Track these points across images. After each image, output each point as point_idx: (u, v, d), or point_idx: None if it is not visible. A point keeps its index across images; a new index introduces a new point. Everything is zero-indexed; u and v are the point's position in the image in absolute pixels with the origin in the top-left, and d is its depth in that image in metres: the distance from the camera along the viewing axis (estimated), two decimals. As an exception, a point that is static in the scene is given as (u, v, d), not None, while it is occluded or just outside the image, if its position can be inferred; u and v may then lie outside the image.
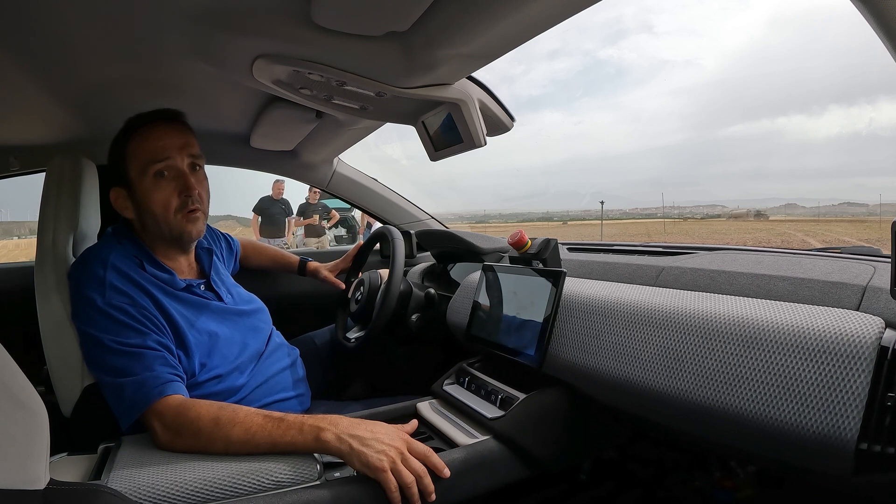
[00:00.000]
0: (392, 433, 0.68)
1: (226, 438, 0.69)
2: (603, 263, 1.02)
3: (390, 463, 0.64)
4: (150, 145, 0.84)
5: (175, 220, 0.86)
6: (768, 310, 0.64)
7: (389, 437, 0.67)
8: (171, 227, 0.86)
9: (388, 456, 0.64)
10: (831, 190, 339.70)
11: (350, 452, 0.66)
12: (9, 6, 0.63)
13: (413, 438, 0.70)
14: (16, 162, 1.29)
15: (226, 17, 0.68)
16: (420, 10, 0.60)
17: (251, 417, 0.70)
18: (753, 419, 0.59)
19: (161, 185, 0.84)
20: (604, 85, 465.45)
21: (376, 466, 0.63)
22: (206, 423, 0.70)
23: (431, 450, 0.69)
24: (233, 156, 1.45)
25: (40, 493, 0.41)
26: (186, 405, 0.72)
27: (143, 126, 0.86)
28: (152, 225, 0.87)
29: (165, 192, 0.84)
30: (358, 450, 0.65)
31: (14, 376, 0.42)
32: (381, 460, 0.64)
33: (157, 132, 0.85)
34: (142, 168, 0.84)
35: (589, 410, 0.86)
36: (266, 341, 0.97)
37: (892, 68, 0.45)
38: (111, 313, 0.77)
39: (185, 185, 0.85)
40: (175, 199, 0.85)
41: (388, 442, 0.66)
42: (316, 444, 0.67)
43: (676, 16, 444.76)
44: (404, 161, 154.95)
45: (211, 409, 0.71)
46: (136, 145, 0.85)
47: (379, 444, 0.66)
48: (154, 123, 0.86)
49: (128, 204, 0.87)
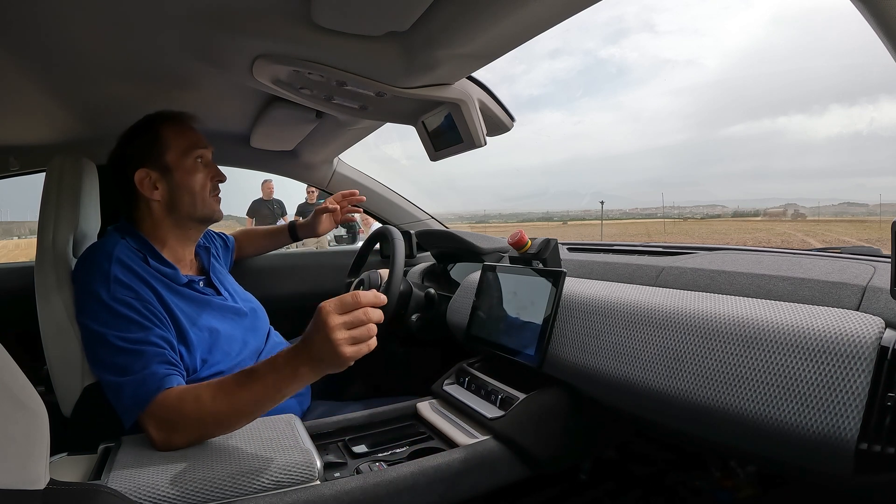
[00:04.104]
0: (318, 324, 0.64)
1: (213, 411, 0.68)
2: (603, 263, 1.02)
3: (345, 345, 0.62)
4: (190, 135, 0.94)
5: (210, 200, 0.95)
6: (768, 310, 0.64)
7: (321, 331, 0.63)
8: (206, 204, 0.94)
9: (337, 343, 0.62)
10: (832, 190, 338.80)
11: (322, 373, 0.65)
12: (9, 6, 0.63)
13: (331, 302, 0.64)
14: (16, 162, 1.29)
15: (226, 17, 0.68)
16: (420, 10, 0.60)
17: (225, 381, 0.69)
18: (753, 419, 0.59)
19: (200, 168, 0.94)
20: (605, 84, 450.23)
21: (344, 359, 0.62)
22: (189, 404, 0.70)
23: (353, 294, 0.65)
24: (233, 156, 1.45)
25: (40, 493, 0.41)
26: (170, 395, 0.71)
27: (174, 119, 0.94)
28: (186, 203, 0.92)
29: (203, 175, 0.94)
30: (327, 368, 0.64)
31: (14, 376, 0.42)
32: (340, 355, 0.62)
33: (190, 128, 0.95)
34: (183, 151, 0.92)
35: (589, 410, 0.86)
36: (265, 339, 0.97)
37: (893, 68, 0.45)
38: (115, 307, 0.77)
39: (216, 173, 0.97)
40: (209, 183, 0.95)
41: (324, 335, 0.63)
42: (294, 376, 0.66)
43: (678, 15, 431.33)
44: (404, 161, 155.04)
45: (190, 391, 0.71)
46: (174, 132, 0.92)
47: (322, 345, 0.63)
48: (187, 120, 0.96)
49: (158, 185, 0.91)
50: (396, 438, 0.85)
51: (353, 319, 0.63)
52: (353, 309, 0.63)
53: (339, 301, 0.64)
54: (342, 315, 0.63)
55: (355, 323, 0.63)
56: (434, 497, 0.71)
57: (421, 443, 0.84)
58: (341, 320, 0.63)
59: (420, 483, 0.71)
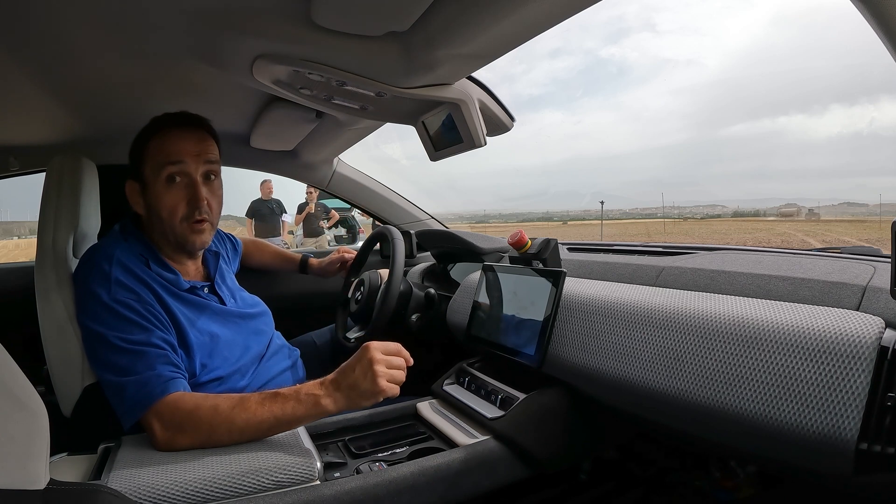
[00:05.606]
0: (363, 357, 0.72)
1: (228, 424, 0.70)
2: (603, 263, 1.02)
3: (383, 379, 0.71)
4: (167, 147, 0.84)
5: (180, 227, 0.85)
6: (768, 310, 0.64)
7: (365, 363, 0.71)
8: (176, 233, 0.86)
9: (377, 374, 0.70)
10: (832, 190, 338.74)
11: (351, 404, 0.72)
12: (9, 6, 0.63)
13: (377, 342, 0.74)
14: (16, 162, 1.29)
15: (226, 17, 0.68)
16: (420, 10, 0.60)
17: (248, 398, 0.72)
18: (753, 419, 0.59)
19: (171, 190, 0.84)
20: (605, 84, 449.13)
21: (379, 392, 0.70)
22: (205, 412, 0.70)
23: (396, 343, 0.76)
24: (233, 156, 1.45)
25: (40, 493, 0.41)
26: (184, 399, 0.72)
27: (165, 126, 0.86)
28: (158, 227, 0.87)
29: (175, 198, 0.84)
30: (356, 396, 0.71)
31: (14, 376, 0.42)
32: (377, 384, 0.70)
33: (176, 135, 0.85)
34: (155, 168, 0.84)
35: (589, 410, 0.86)
36: (267, 343, 0.97)
37: (893, 68, 0.45)
38: (116, 309, 0.77)
39: (194, 195, 0.84)
40: (183, 206, 0.85)
41: (367, 364, 0.71)
42: (317, 410, 0.71)
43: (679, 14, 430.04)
44: (404, 161, 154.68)
45: (208, 399, 0.72)
46: (155, 144, 0.85)
47: (363, 374, 0.71)
48: (176, 126, 0.86)
49: (140, 200, 0.87)
50: (396, 438, 0.85)
51: (392, 360, 0.73)
52: (395, 353, 0.74)
53: (384, 343, 0.74)
54: (385, 355, 0.73)
55: (394, 364, 0.73)
56: (434, 497, 0.71)
57: (421, 443, 0.84)
58: (384, 358, 0.72)
59: (420, 483, 0.71)
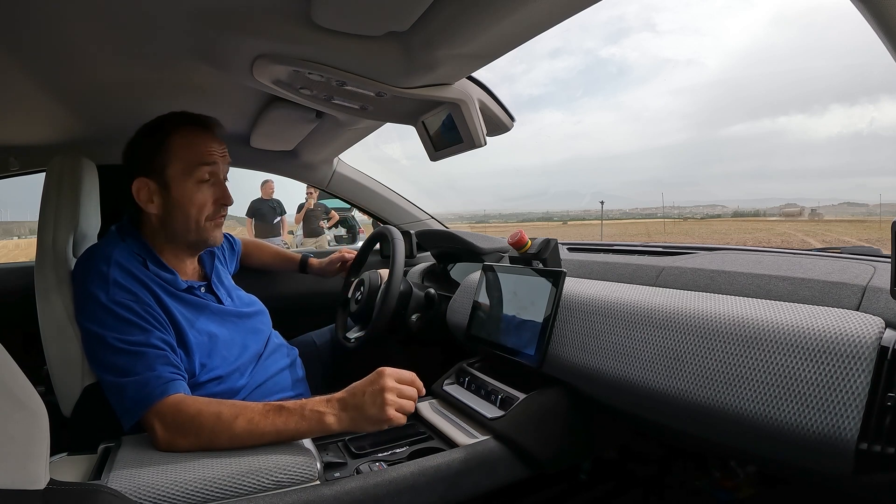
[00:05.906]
0: (375, 381, 0.72)
1: (229, 432, 0.70)
2: (603, 263, 1.02)
3: (392, 408, 0.70)
4: (200, 148, 0.86)
5: (205, 225, 0.88)
6: (768, 310, 0.64)
7: (376, 386, 0.71)
8: (200, 230, 0.88)
9: (386, 402, 0.70)
10: (832, 190, 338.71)
11: (355, 426, 0.71)
12: (9, 6, 0.63)
13: (392, 369, 0.74)
14: (16, 162, 1.29)
15: (226, 17, 0.68)
16: (420, 10, 0.60)
17: (252, 408, 0.72)
18: (753, 419, 0.59)
19: (202, 190, 0.86)
20: (605, 84, 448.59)
21: (385, 421, 0.70)
22: (208, 418, 0.70)
23: (411, 373, 0.75)
24: (233, 156, 1.43)
25: (40, 493, 0.41)
26: (187, 402, 0.72)
27: (187, 125, 0.86)
28: (180, 224, 0.86)
29: (205, 197, 0.87)
30: (361, 420, 0.70)
31: (14, 376, 0.42)
32: (384, 412, 0.69)
33: (204, 136, 0.87)
34: (187, 167, 0.85)
35: (589, 410, 0.86)
36: (265, 342, 0.97)
37: (893, 68, 0.45)
38: (115, 310, 0.77)
39: (223, 195, 0.89)
40: (210, 205, 0.88)
41: (378, 390, 0.71)
42: (320, 427, 0.71)
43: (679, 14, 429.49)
44: (404, 161, 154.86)
45: (211, 405, 0.72)
46: (181, 142, 0.85)
47: (373, 400, 0.70)
48: (201, 126, 0.88)
49: (156, 199, 0.86)
50: (396, 438, 0.85)
51: (405, 390, 0.72)
52: (409, 382, 0.73)
53: (399, 371, 0.74)
54: (398, 383, 0.72)
55: (405, 394, 0.72)
56: (434, 497, 0.71)
57: (421, 443, 0.84)
58: (396, 386, 0.71)
59: (420, 483, 0.71)
